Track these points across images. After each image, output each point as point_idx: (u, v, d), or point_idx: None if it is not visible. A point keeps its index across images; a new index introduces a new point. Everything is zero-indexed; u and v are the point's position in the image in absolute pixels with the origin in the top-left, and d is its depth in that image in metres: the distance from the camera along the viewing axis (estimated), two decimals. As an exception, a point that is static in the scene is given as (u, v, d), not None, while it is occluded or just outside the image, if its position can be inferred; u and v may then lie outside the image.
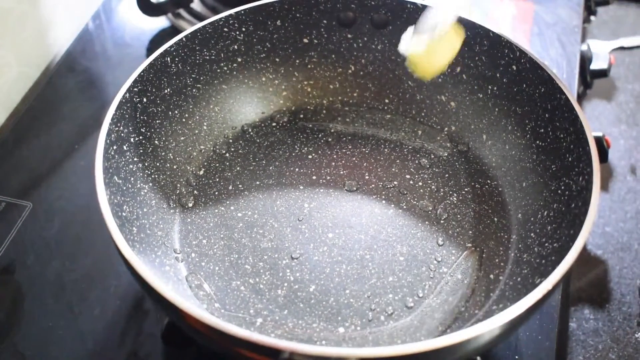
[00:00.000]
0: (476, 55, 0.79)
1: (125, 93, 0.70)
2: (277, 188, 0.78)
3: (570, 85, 0.96)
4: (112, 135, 0.67)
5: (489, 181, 0.78)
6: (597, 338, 0.81)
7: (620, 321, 0.82)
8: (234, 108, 0.84)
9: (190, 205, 0.76)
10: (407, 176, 0.79)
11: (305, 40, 0.85)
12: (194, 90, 0.80)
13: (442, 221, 0.75)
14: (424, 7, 0.80)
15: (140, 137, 0.73)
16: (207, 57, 0.80)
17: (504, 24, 1.05)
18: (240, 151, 0.81)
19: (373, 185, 0.78)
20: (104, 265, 0.76)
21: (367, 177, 0.79)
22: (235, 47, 0.82)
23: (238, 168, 0.80)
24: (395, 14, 0.82)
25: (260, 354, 0.51)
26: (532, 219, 0.71)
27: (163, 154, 0.76)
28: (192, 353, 0.69)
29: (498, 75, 0.78)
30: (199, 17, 1.02)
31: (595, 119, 1.07)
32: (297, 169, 0.80)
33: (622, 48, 1.16)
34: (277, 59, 0.85)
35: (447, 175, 0.79)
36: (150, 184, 0.73)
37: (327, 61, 0.86)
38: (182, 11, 1.05)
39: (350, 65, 0.86)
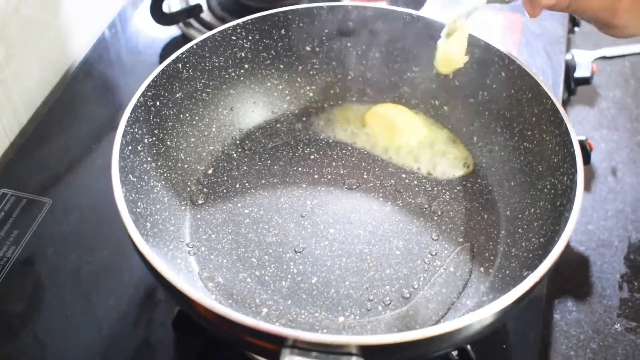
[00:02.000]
0: (468, 62, 0.79)
1: (140, 97, 0.70)
2: (282, 186, 0.78)
3: (555, 91, 0.95)
4: (128, 137, 0.67)
5: (479, 180, 0.78)
6: (579, 329, 0.80)
7: (601, 313, 0.82)
8: (241, 111, 0.83)
9: (200, 202, 0.75)
10: (403, 175, 0.79)
11: (308, 48, 0.85)
12: (203, 94, 0.80)
13: (435, 217, 0.75)
14: (419, 18, 0.80)
15: (154, 138, 0.72)
16: (216, 64, 0.80)
17: (495, 35, 1.05)
18: (247, 152, 0.81)
19: (371, 184, 0.78)
20: (118, 258, 0.76)
21: (365, 176, 0.79)
22: (243, 54, 0.82)
23: (245, 167, 0.80)
24: (393, 24, 0.82)
25: (266, 341, 0.51)
26: (519, 215, 0.71)
27: (175, 154, 0.76)
28: (200, 340, 0.69)
29: (488, 81, 0.78)
30: (209, 27, 1.02)
31: (579, 123, 1.07)
32: (300, 169, 0.80)
33: (604, 57, 1.16)
34: (282, 66, 0.85)
35: (440, 175, 0.79)
36: (163, 182, 0.73)
37: (328, 68, 0.86)
38: (192, 21, 1.04)
39: (349, 71, 0.86)
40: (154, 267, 0.54)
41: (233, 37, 0.80)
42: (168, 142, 0.75)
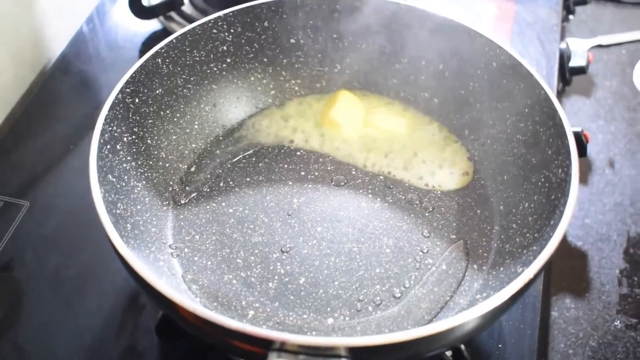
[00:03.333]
0: (458, 53, 0.79)
1: (118, 94, 0.70)
2: (267, 184, 0.78)
3: (549, 81, 0.96)
4: (106, 135, 0.67)
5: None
6: (578, 326, 0.81)
7: (599, 309, 0.83)
8: (224, 107, 0.83)
9: (183, 202, 0.75)
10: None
11: (292, 41, 0.85)
12: (184, 90, 0.80)
13: (427, 214, 0.75)
14: (408, 7, 0.80)
15: (133, 137, 0.72)
16: (197, 58, 0.80)
17: (486, 23, 1.06)
18: (230, 148, 0.81)
19: (360, 180, 0.78)
20: (100, 261, 0.75)
21: (354, 172, 0.79)
22: (224, 48, 0.82)
23: (229, 165, 0.80)
24: (380, 14, 0.82)
25: (253, 345, 0.51)
26: (513, 210, 0.72)
27: (156, 152, 0.76)
28: (186, 345, 0.69)
29: (479, 72, 0.78)
30: (190, 20, 1.02)
31: (574, 114, 1.07)
32: (286, 165, 0.80)
33: (600, 46, 1.17)
34: (265, 59, 0.85)
35: (431, 169, 0.79)
36: (144, 182, 0.72)
37: (314, 60, 0.86)
38: (173, 14, 1.04)
39: (336, 64, 0.86)
40: (135, 270, 0.54)
41: (214, 30, 0.80)
42: (148, 140, 0.75)
